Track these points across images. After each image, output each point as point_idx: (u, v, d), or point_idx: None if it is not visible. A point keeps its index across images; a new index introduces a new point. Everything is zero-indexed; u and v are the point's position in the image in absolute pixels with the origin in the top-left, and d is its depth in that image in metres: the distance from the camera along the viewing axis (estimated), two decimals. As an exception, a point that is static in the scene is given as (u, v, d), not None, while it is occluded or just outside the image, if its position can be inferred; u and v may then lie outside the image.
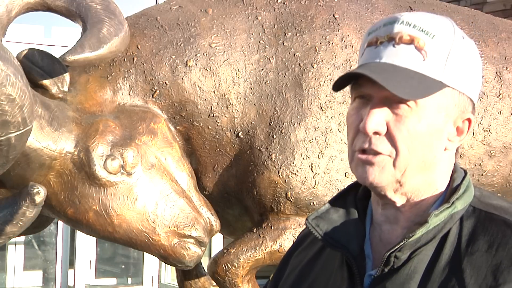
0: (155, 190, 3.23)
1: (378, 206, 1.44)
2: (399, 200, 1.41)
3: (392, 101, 1.35)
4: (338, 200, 1.50)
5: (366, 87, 1.37)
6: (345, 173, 3.36)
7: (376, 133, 1.35)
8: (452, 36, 1.38)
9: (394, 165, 1.36)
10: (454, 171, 1.44)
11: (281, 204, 3.35)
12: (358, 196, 1.50)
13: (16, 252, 8.15)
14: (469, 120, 1.41)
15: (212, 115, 3.39)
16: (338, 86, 1.40)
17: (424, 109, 1.35)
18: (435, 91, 1.36)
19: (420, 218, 1.39)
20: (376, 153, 1.36)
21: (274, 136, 3.35)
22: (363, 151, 1.37)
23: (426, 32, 1.36)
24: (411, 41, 1.36)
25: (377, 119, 1.35)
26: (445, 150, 1.40)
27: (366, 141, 1.36)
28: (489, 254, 1.34)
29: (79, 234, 7.32)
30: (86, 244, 7.68)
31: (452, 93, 1.38)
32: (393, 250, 1.36)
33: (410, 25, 1.37)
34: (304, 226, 3.66)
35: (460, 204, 1.39)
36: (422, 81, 1.35)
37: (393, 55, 1.36)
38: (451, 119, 1.39)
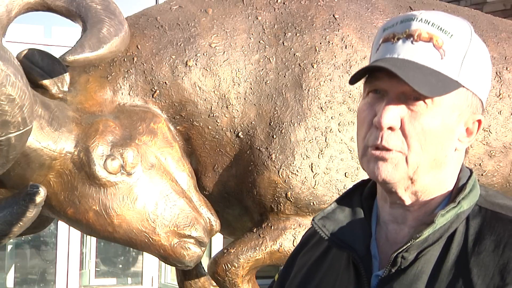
0: (155, 190, 3.23)
1: (386, 205, 1.44)
2: (408, 199, 1.41)
3: (408, 97, 1.35)
4: (344, 200, 1.49)
5: (382, 81, 1.37)
6: (345, 173, 3.36)
7: (390, 128, 1.35)
8: (469, 37, 1.39)
9: (406, 162, 1.36)
10: (460, 170, 1.44)
11: (281, 204, 3.34)
12: (364, 195, 1.50)
13: (16, 252, 8.15)
14: (479, 121, 1.42)
15: (212, 115, 3.38)
16: (353, 79, 1.40)
17: (440, 107, 1.36)
18: (452, 90, 1.36)
19: (428, 217, 1.39)
20: (388, 150, 1.35)
21: (274, 136, 3.35)
22: (376, 147, 1.36)
23: (444, 31, 1.37)
24: (429, 39, 1.36)
25: (393, 114, 1.35)
26: (455, 150, 1.41)
27: (379, 136, 1.35)
28: (496, 253, 1.34)
29: (79, 234, 7.31)
30: (86, 244, 7.68)
31: (466, 94, 1.39)
32: (400, 250, 1.36)
33: (428, 23, 1.37)
34: (304, 226, 3.66)
35: (466, 204, 1.39)
36: (441, 79, 1.35)
37: (411, 52, 1.36)
38: (463, 119, 1.39)
